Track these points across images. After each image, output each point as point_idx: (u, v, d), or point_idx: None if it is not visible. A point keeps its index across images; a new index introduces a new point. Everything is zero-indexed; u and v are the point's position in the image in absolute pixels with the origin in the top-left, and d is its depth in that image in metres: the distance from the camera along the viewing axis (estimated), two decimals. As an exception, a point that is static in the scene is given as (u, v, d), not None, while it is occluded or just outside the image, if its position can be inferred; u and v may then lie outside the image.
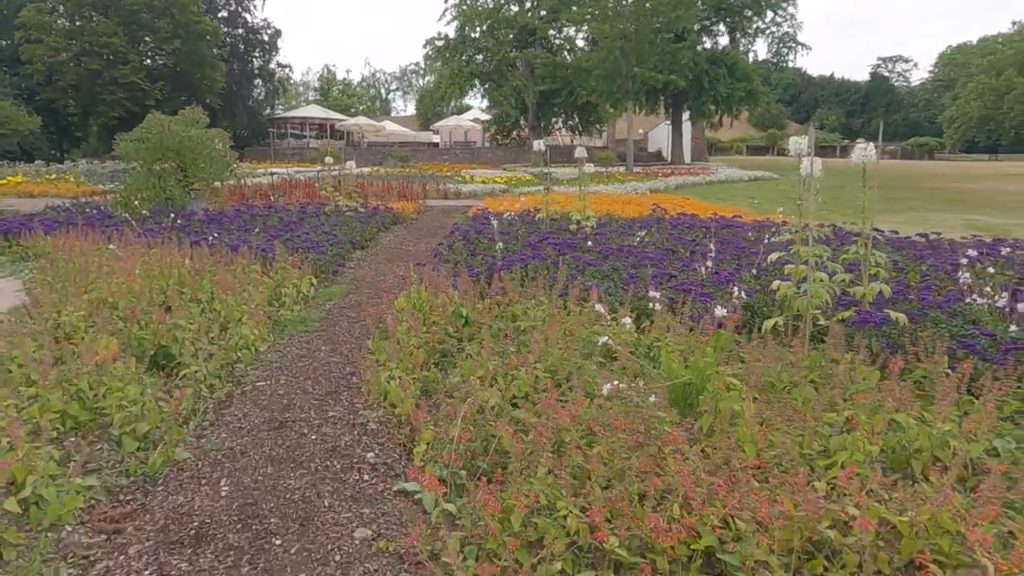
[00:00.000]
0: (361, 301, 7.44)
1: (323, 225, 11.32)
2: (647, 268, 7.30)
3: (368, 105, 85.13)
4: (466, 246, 9.57)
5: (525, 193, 20.73)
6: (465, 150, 52.25)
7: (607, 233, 9.78)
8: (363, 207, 13.85)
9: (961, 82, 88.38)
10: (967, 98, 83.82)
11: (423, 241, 12.09)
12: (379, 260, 10.14)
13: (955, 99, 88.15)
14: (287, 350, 5.72)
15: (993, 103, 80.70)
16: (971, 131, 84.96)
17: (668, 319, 5.29)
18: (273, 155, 50.27)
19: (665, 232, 9.94)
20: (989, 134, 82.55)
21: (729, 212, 13.76)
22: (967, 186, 29.51)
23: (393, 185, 21.24)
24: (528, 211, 13.08)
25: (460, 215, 16.00)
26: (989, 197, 23.83)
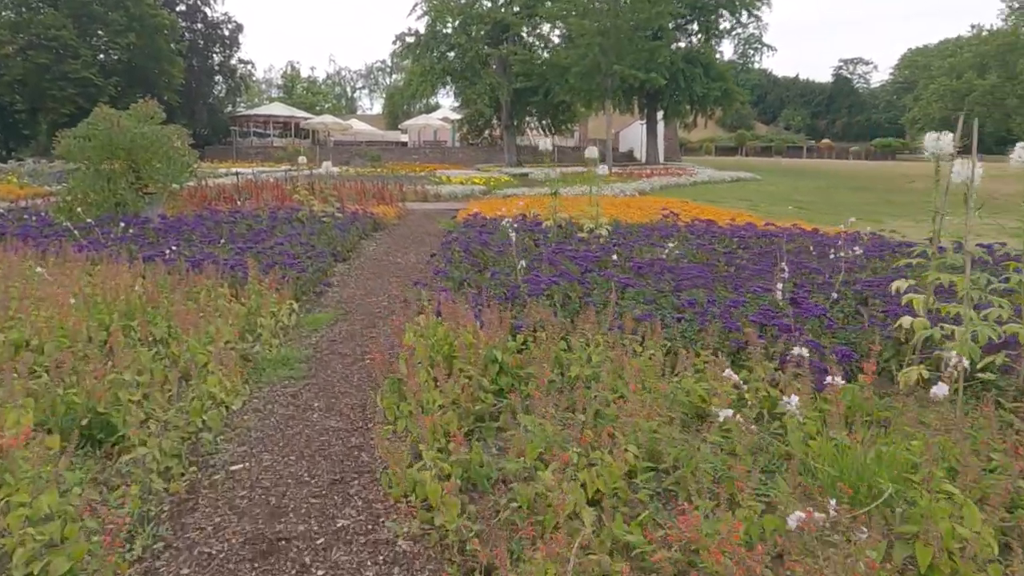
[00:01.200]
0: (354, 332, 6.14)
1: (298, 234, 9.96)
2: (698, 290, 6.13)
3: (334, 103, 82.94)
4: (467, 259, 8.31)
5: (509, 195, 19.50)
6: (435, 150, 50.88)
7: (627, 244, 8.60)
8: (340, 212, 12.50)
9: (922, 84, 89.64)
10: (929, 100, 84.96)
11: (411, 251, 10.78)
12: (366, 275, 8.82)
13: (917, 100, 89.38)
14: (269, 408, 4.40)
15: (954, 105, 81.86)
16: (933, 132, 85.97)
17: (766, 366, 4.11)
18: (235, 154, 48.26)
19: (692, 242, 8.80)
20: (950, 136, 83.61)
21: (732, 216, 12.73)
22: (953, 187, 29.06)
23: (368, 187, 19.83)
24: (525, 216, 11.86)
25: (446, 220, 14.72)
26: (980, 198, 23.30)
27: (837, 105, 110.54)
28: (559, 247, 8.35)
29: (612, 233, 9.33)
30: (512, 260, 7.74)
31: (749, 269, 6.93)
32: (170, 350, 4.81)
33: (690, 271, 6.85)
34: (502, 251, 8.07)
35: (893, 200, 21.97)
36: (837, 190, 26.67)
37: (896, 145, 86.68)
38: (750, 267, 7.01)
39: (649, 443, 3.36)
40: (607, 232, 9.11)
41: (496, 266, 7.70)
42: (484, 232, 10.02)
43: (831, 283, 6.24)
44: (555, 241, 9.03)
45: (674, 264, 7.43)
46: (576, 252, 7.90)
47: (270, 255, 8.31)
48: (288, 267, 7.38)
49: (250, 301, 6.11)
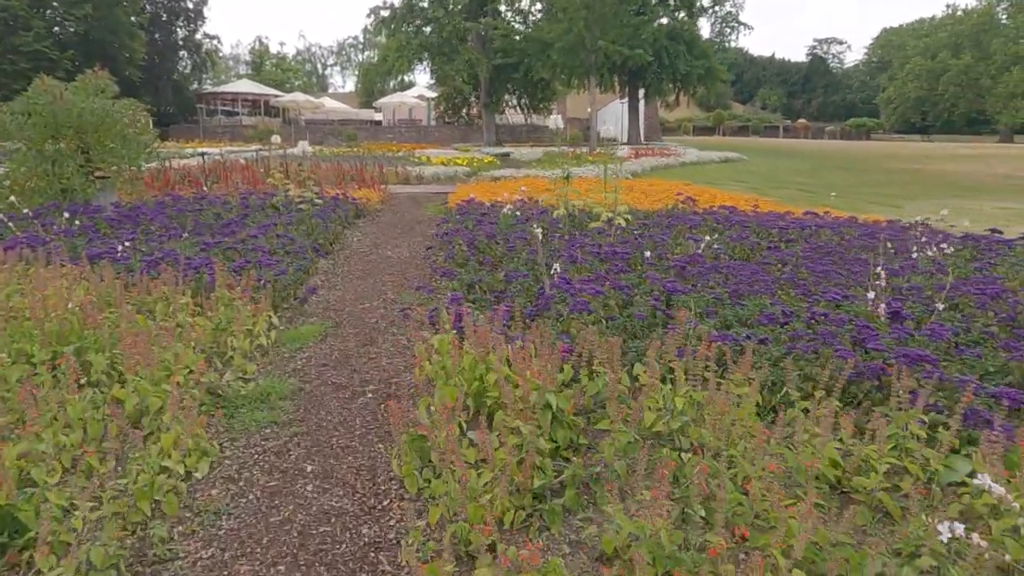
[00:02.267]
0: (348, 352, 5.01)
1: (274, 224, 8.73)
2: (760, 297, 5.10)
3: (304, 81, 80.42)
4: (473, 254, 7.19)
5: (498, 178, 18.33)
6: (411, 129, 49.44)
7: (653, 237, 7.54)
8: (320, 197, 11.27)
9: (898, 63, 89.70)
10: (904, 79, 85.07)
11: (401, 242, 9.62)
12: (354, 273, 7.66)
13: (892, 80, 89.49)
14: (245, 475, 3.28)
15: (928, 85, 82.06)
16: (907, 112, 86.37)
17: (909, 414, 3.09)
18: (202, 133, 46.32)
19: (725, 234, 7.76)
20: (924, 115, 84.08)
21: (752, 201, 11.74)
22: (942, 168, 28.53)
23: (345, 168, 18.52)
24: (525, 201, 10.73)
25: (434, 205, 13.54)
26: (979, 180, 22.66)
27: (812, 85, 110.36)
28: (577, 240, 7.26)
29: (631, 223, 8.26)
30: (523, 255, 6.66)
31: (814, 270, 5.91)
32: (112, 393, 3.65)
33: (742, 272, 5.82)
34: (513, 246, 6.96)
35: (894, 181, 21.19)
36: (831, 171, 25.88)
37: (871, 125, 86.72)
38: (813, 267, 5.98)
39: (807, 553, 2.31)
40: (626, 222, 8.04)
41: (508, 264, 6.59)
42: (486, 222, 8.89)
43: (918, 288, 5.25)
44: (568, 232, 7.95)
45: (715, 262, 6.40)
46: (599, 247, 6.82)
47: (242, 251, 7.12)
48: (264, 267, 6.19)
49: (218, 314, 4.95)
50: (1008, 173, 26.35)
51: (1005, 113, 72.78)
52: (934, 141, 70.93)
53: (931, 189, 18.48)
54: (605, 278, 5.39)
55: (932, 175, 24.49)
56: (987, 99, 75.71)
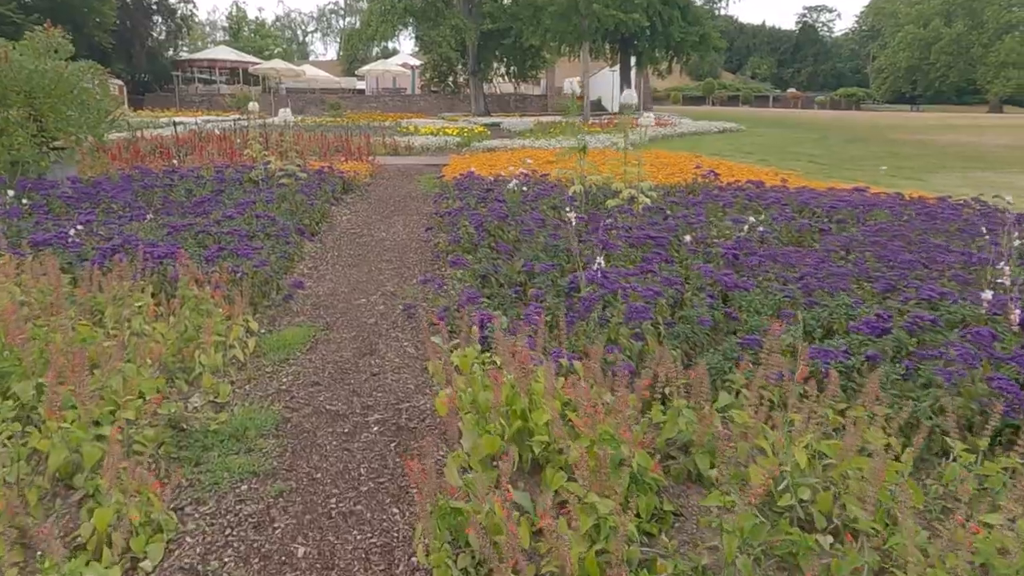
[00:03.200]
0: (344, 364, 4.10)
1: (253, 201, 7.74)
2: (839, 296, 4.24)
3: (284, 48, 77.94)
4: (481, 237, 6.27)
5: (492, 149, 17.30)
6: (395, 97, 48.03)
7: (687, 218, 6.64)
8: (303, 170, 10.25)
9: (889, 32, 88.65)
10: (896, 48, 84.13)
11: (395, 220, 8.65)
12: (345, 259, 6.71)
13: (883, 49, 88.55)
14: (212, 565, 2.38)
15: (920, 54, 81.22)
16: (898, 82, 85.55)
17: None
18: (179, 102, 44.69)
19: (767, 214, 6.87)
20: (915, 85, 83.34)
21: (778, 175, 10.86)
22: (947, 138, 27.74)
23: (330, 139, 17.42)
24: (529, 175, 9.77)
25: (426, 178, 12.55)
26: (989, 151, 21.88)
27: (803, 53, 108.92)
28: (600, 221, 6.34)
29: (656, 201, 7.35)
30: (540, 240, 5.75)
31: (887, 258, 5.04)
32: (30, 442, 2.73)
33: (804, 261, 4.96)
34: (531, 230, 6.03)
35: (905, 152, 20.36)
36: (837, 142, 24.95)
37: (860, 95, 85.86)
38: (885, 254, 5.12)
39: None
40: (652, 200, 7.13)
41: (526, 250, 5.67)
42: (492, 199, 7.94)
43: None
44: (587, 212, 7.02)
45: (764, 247, 5.53)
46: (629, 230, 5.92)
47: (216, 235, 6.15)
48: (241, 256, 5.24)
49: (183, 319, 4.01)
50: (1011, 143, 25.64)
51: (996, 83, 72.15)
52: (923, 111, 70.33)
53: (947, 161, 17.66)
54: (650, 269, 4.50)
55: (941, 146, 23.67)
56: (978, 68, 74.98)
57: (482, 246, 6.04)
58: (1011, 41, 71.04)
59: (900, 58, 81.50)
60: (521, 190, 8.67)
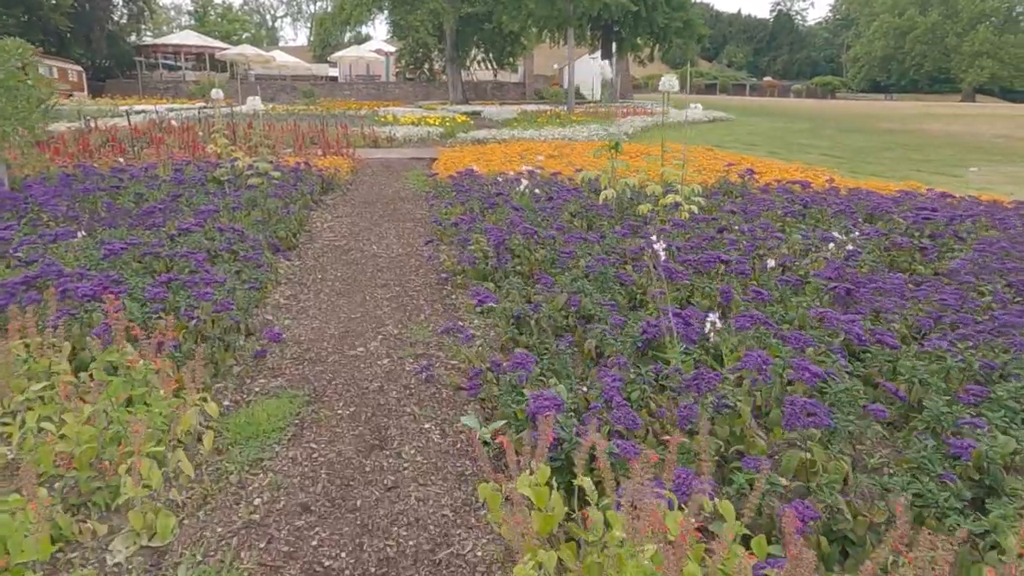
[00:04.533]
0: (342, 468, 2.83)
1: (216, 210, 6.41)
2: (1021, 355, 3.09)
3: (253, 33, 75.39)
4: (501, 257, 5.03)
5: (481, 141, 16.00)
6: (369, 85, 46.43)
7: (752, 232, 5.46)
8: (277, 168, 8.92)
9: (864, 21, 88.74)
10: (871, 37, 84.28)
11: (387, 228, 7.37)
12: (331, 284, 5.43)
13: (858, 38, 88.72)
14: None
15: (895, 43, 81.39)
16: (873, 70, 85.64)
17: None
18: (142, 89, 42.60)
19: (837, 226, 5.71)
20: (889, 73, 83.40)
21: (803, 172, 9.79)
22: (940, 128, 27.00)
23: (303, 129, 15.99)
24: (532, 171, 8.53)
25: (414, 174, 11.25)
26: (988, 140, 21.09)
27: (778, 42, 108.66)
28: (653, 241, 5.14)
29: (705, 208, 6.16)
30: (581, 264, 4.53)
31: None
32: None
33: (941, 297, 3.81)
34: (571, 252, 4.80)
35: (911, 144, 19.44)
36: (834, 132, 24.00)
37: (836, 83, 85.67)
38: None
39: None
40: (698, 207, 5.95)
41: (569, 280, 4.45)
42: (500, 203, 6.69)
43: None
44: (623, 222, 5.82)
45: (873, 276, 4.37)
46: (694, 252, 4.73)
47: (167, 258, 4.84)
48: (199, 297, 3.94)
49: (102, 411, 2.73)
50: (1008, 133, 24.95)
51: (970, 72, 72.40)
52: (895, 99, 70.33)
53: (961, 153, 16.73)
54: (761, 320, 3.30)
55: (941, 137, 22.86)
56: (953, 58, 75.17)
57: (504, 270, 4.81)
58: (985, 31, 71.37)
59: (876, 47, 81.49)
60: (532, 192, 7.45)
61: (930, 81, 79.13)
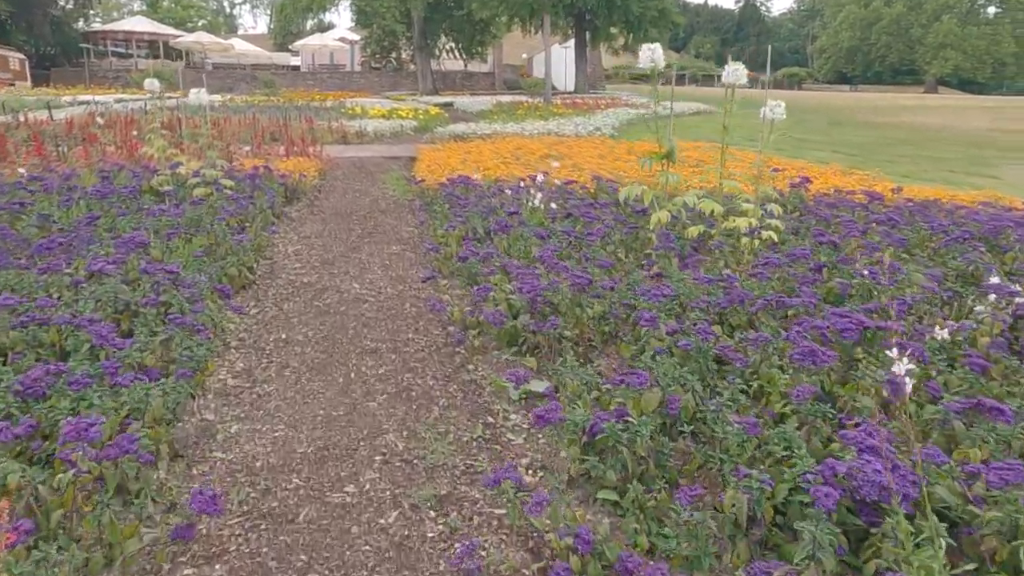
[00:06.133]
0: None
1: (145, 242, 4.85)
2: None
3: (210, 20, 72.33)
4: (539, 324, 3.61)
5: (460, 136, 14.49)
6: (333, 75, 44.52)
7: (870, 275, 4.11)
8: (230, 174, 7.36)
9: (830, 12, 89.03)
10: (837, 28, 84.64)
11: (369, 255, 5.88)
12: (299, 355, 3.92)
13: (825, 28, 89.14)
14: None
15: (861, 34, 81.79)
16: (840, 61, 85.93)
17: None
18: (89, 78, 40.06)
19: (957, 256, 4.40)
20: (855, 65, 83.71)
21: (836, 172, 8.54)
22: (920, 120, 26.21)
23: (263, 123, 14.31)
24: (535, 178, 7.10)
25: (393, 178, 9.76)
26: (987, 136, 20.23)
27: (745, 33, 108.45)
28: (733, 287, 3.77)
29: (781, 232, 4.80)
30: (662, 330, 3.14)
31: None
32: None
33: None
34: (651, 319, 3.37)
35: (906, 139, 18.42)
36: (827, 126, 22.97)
37: (802, 74, 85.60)
38: None
39: None
40: (776, 233, 4.60)
41: (641, 353, 3.05)
42: (513, 224, 5.25)
43: None
44: (690, 253, 4.43)
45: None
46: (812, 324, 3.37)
47: (58, 330, 3.32)
48: (79, 435, 2.43)
49: None
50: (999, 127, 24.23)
51: (934, 63, 72.83)
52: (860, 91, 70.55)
53: (971, 149, 15.71)
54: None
55: (937, 131, 21.96)
56: (917, 49, 75.59)
57: (547, 335, 3.40)
58: (948, 23, 71.85)
59: (842, 38, 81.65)
60: (548, 207, 6.04)
61: (893, 73, 79.39)
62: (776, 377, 2.89)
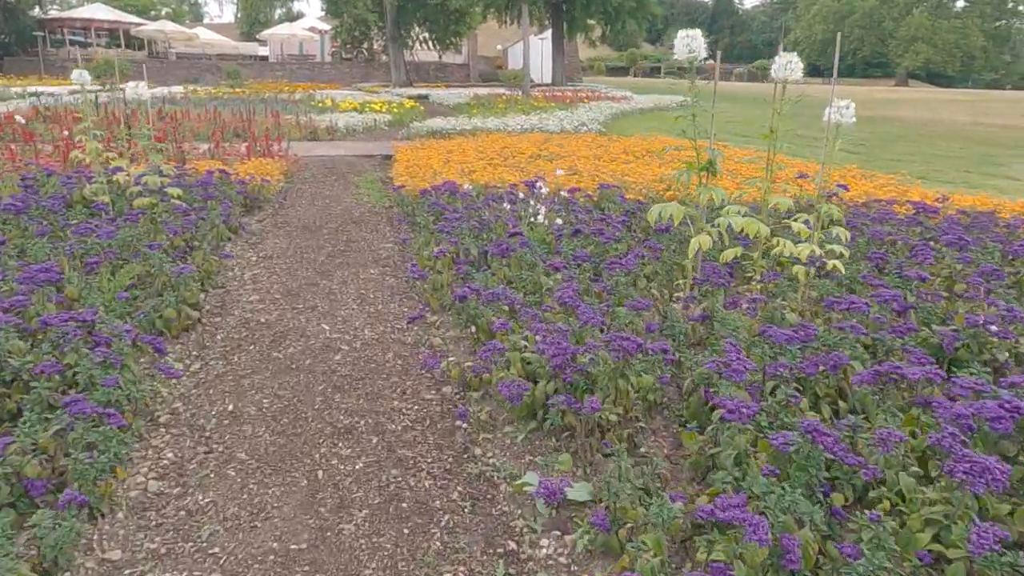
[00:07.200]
0: None
1: (58, 276, 3.88)
2: None
3: (174, 8, 70.00)
4: (571, 400, 2.73)
5: (439, 133, 13.50)
6: (303, 65, 43.13)
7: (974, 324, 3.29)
8: (178, 181, 6.35)
9: (804, 5, 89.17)
10: (810, 21, 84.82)
11: (343, 282, 4.94)
12: (249, 437, 2.98)
13: (799, 21, 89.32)
14: None
15: (835, 26, 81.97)
16: (813, 54, 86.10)
17: None
18: (43, 68, 38.28)
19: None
20: (828, 57, 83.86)
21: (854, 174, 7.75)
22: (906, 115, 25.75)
23: (225, 117, 13.20)
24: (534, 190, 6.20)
25: (367, 180, 8.79)
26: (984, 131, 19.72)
27: (719, 25, 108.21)
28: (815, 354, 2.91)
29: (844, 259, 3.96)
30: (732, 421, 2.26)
31: None
32: None
33: None
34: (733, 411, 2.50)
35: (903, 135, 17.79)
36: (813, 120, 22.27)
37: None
38: None
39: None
40: (842, 263, 3.76)
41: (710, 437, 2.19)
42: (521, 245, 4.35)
43: None
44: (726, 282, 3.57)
45: None
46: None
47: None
48: None
49: None
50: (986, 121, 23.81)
51: (906, 56, 73.13)
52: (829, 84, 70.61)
53: (971, 146, 15.08)
54: None
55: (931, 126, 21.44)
56: (889, 42, 75.91)
57: (582, 420, 2.51)
58: (919, 16, 72.18)
59: (816, 30, 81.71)
60: (553, 220, 5.14)
61: (865, 66, 79.60)
62: (916, 494, 2.04)
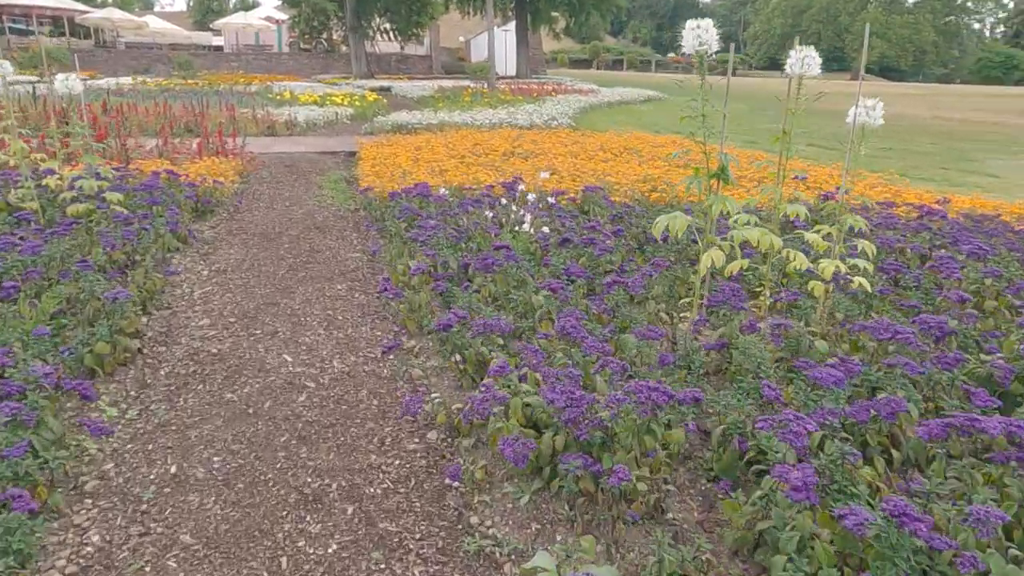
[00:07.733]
0: None
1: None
2: None
3: (123, -5, 67.52)
4: (589, 461, 2.28)
5: (405, 127, 12.92)
6: (259, 56, 41.85)
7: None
8: (119, 185, 5.72)
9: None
10: (769, 15, 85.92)
11: (307, 302, 4.41)
12: (196, 513, 2.49)
13: (758, 15, 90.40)
14: None
15: (793, 20, 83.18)
16: (772, 48, 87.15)
17: None
18: (-19, 57, 36.33)
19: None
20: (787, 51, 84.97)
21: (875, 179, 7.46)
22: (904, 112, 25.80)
23: (177, 112, 12.42)
24: (514, 193, 5.73)
25: (331, 180, 8.22)
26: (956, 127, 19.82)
27: (681, 18, 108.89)
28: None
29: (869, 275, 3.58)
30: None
31: None
32: None
33: None
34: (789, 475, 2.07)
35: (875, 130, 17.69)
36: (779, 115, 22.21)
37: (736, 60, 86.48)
38: None
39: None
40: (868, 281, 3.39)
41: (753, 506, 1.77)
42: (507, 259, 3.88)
43: None
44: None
45: None
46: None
47: None
48: None
49: None
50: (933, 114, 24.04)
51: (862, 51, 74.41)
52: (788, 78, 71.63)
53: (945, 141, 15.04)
54: None
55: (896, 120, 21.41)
56: (845, 37, 77.18)
57: (606, 489, 2.07)
58: (874, 11, 73.47)
59: (775, 24, 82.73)
60: (539, 229, 4.68)
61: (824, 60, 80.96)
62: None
